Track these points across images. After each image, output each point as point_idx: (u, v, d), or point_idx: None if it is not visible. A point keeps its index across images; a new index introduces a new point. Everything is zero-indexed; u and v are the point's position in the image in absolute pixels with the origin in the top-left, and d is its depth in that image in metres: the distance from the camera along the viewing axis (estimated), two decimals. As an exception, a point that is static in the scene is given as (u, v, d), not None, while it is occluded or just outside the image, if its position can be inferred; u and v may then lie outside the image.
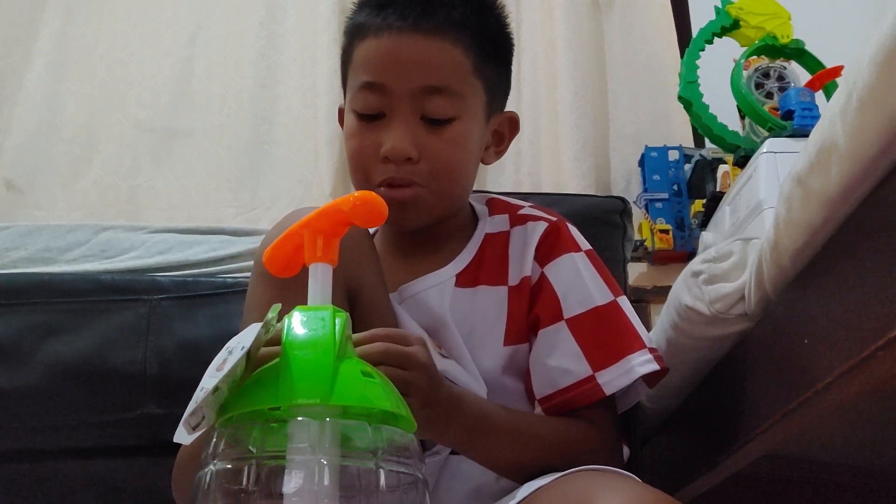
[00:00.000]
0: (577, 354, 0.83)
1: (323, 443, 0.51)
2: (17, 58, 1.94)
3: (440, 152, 0.85)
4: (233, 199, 1.86)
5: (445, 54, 0.85)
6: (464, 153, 0.88)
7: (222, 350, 0.59)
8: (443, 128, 0.85)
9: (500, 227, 0.93)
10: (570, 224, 0.93)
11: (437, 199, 0.87)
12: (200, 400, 0.53)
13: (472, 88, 0.87)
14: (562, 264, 0.88)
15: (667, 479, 1.00)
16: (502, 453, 0.77)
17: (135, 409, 1.16)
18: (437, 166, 0.85)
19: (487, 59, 0.88)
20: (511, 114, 0.96)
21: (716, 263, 0.81)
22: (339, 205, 0.59)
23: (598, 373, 0.82)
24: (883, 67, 0.49)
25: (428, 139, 0.85)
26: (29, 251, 1.47)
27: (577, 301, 0.86)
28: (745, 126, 1.49)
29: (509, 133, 0.96)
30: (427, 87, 0.84)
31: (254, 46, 1.97)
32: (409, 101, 0.84)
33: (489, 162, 0.95)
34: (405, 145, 0.83)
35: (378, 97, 0.85)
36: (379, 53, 0.85)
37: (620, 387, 0.82)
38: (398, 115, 0.84)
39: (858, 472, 0.88)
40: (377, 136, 0.85)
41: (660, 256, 1.74)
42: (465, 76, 0.86)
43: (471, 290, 0.88)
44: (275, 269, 0.62)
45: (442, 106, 0.85)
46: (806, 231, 0.62)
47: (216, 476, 0.53)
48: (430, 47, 0.85)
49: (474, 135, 0.89)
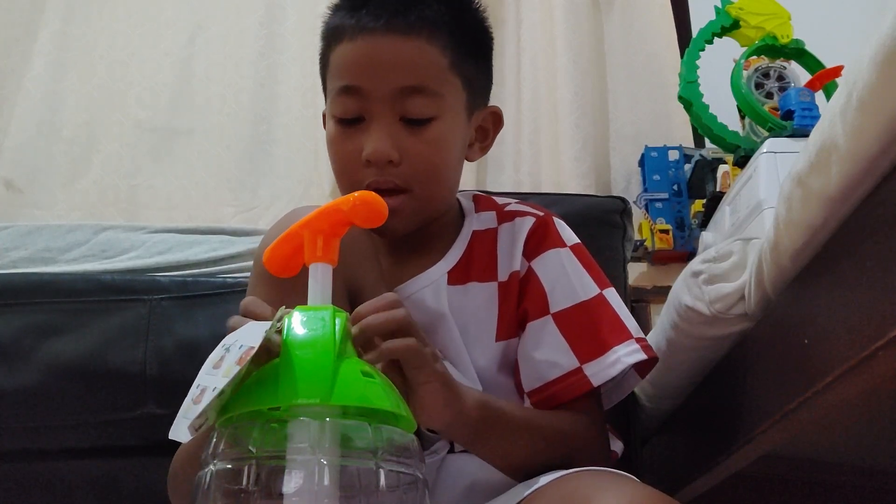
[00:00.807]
0: (564, 347, 0.83)
1: (323, 443, 0.51)
2: (16, 57, 1.94)
3: (421, 153, 0.84)
4: (232, 198, 1.86)
5: (421, 53, 0.84)
6: (446, 153, 0.87)
7: (218, 347, 0.59)
8: (423, 128, 0.84)
9: (487, 224, 0.93)
10: (557, 218, 0.93)
11: (422, 204, 0.86)
12: (209, 400, 0.53)
13: (451, 86, 0.86)
14: (548, 259, 0.89)
15: (667, 479, 1.00)
16: (509, 444, 0.76)
17: (135, 409, 1.16)
18: (419, 168, 0.84)
19: (465, 56, 0.88)
20: (494, 108, 0.95)
21: (716, 263, 0.81)
22: (339, 205, 0.59)
23: (584, 365, 0.82)
24: (883, 67, 0.49)
25: (408, 140, 0.84)
26: (29, 251, 1.47)
27: (562, 296, 0.86)
28: (745, 126, 1.49)
29: (493, 128, 0.95)
30: (404, 88, 0.83)
31: (253, 46, 1.97)
32: (388, 103, 0.83)
33: (473, 159, 0.94)
34: (385, 148, 0.82)
35: (356, 101, 0.84)
36: (354, 57, 0.84)
37: (607, 378, 0.82)
38: (377, 117, 0.84)
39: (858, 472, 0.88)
40: (358, 141, 0.84)
41: (660, 256, 1.74)
42: (442, 74, 0.85)
43: (462, 287, 0.88)
44: (275, 269, 0.62)
45: (420, 106, 0.84)
46: (806, 231, 0.62)
47: (216, 476, 0.53)
48: (405, 47, 0.84)
49: (455, 133, 0.88)
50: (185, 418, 0.55)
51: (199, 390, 0.55)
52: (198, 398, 0.55)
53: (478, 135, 0.93)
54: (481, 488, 0.81)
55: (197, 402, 0.55)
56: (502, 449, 0.77)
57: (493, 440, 0.75)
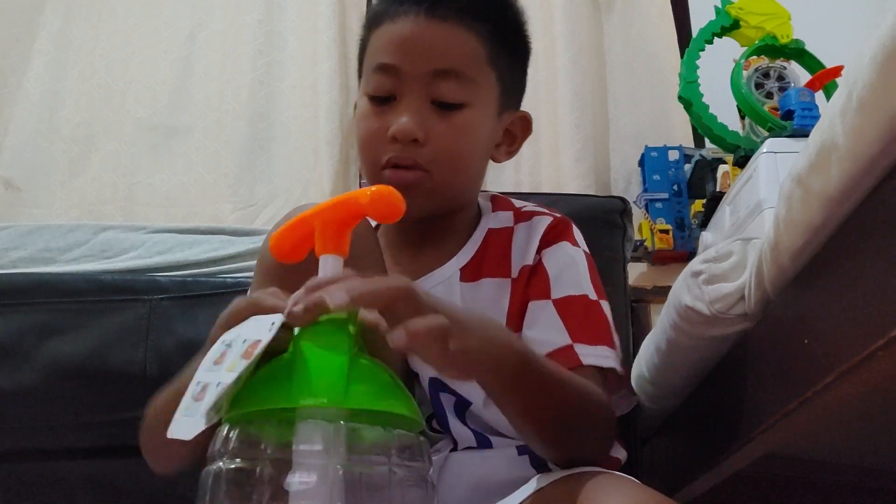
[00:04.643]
0: (559, 327, 0.83)
1: (334, 444, 0.50)
2: (16, 57, 1.94)
3: (447, 137, 0.84)
4: (230, 194, 1.86)
5: (460, 39, 0.85)
6: (471, 141, 0.87)
7: (217, 344, 0.57)
8: (452, 113, 0.85)
9: (503, 223, 0.93)
10: (575, 227, 0.93)
11: (439, 188, 0.86)
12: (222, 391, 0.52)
13: (485, 77, 0.87)
14: (559, 250, 0.89)
15: (667, 479, 1.00)
16: (542, 394, 0.71)
17: (135, 409, 1.15)
18: (442, 151, 0.85)
19: (503, 52, 0.88)
20: (524, 114, 0.95)
21: (716, 263, 0.81)
22: (357, 197, 0.57)
23: (576, 344, 0.82)
24: (883, 67, 0.49)
25: (436, 123, 0.84)
26: (29, 251, 1.47)
27: (567, 284, 0.86)
28: (745, 126, 1.49)
29: (521, 133, 0.95)
30: (439, 71, 0.84)
31: (252, 44, 1.97)
32: (421, 83, 0.84)
33: (499, 160, 0.94)
34: (412, 126, 0.83)
35: (390, 79, 0.85)
36: (393, 37, 0.85)
37: (597, 364, 0.82)
38: (408, 97, 0.84)
39: (858, 472, 0.88)
40: (387, 119, 0.85)
41: (660, 256, 1.74)
42: (478, 63, 0.86)
43: (474, 283, 0.88)
44: (280, 254, 0.61)
45: (453, 90, 0.84)
46: (806, 231, 0.62)
47: (225, 474, 0.52)
48: (445, 32, 0.85)
49: (483, 125, 0.88)
50: (186, 416, 0.54)
51: (200, 387, 0.55)
52: (199, 395, 0.54)
53: (505, 138, 0.94)
54: (484, 487, 0.81)
55: (198, 399, 0.54)
56: (534, 401, 0.71)
57: (528, 390, 0.70)
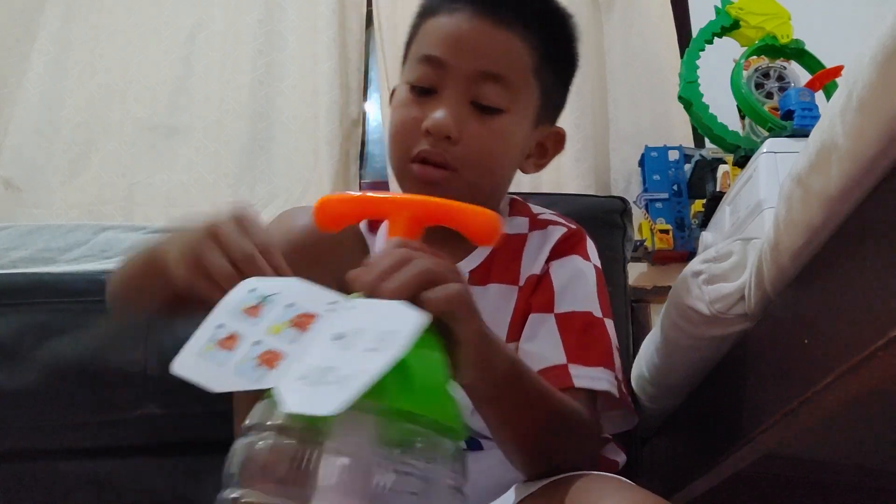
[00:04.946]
0: (557, 345, 0.82)
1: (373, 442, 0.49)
2: (16, 57, 1.94)
3: (480, 139, 0.83)
4: (230, 194, 1.86)
5: (509, 45, 0.84)
6: (503, 147, 0.86)
7: (244, 288, 0.56)
8: (490, 117, 0.84)
9: (517, 230, 0.93)
10: (590, 240, 0.93)
11: (465, 188, 0.83)
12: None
13: (528, 88, 0.86)
14: (567, 263, 0.88)
15: (667, 480, 1.00)
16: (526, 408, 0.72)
17: (135, 409, 1.16)
18: (473, 152, 0.83)
19: (550, 66, 0.88)
20: (559, 129, 0.94)
21: (716, 263, 0.81)
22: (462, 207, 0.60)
23: (571, 364, 0.81)
24: (883, 67, 0.49)
25: (472, 124, 0.83)
26: (29, 251, 1.47)
27: (572, 299, 0.86)
28: (745, 126, 1.49)
29: (553, 148, 0.94)
30: (484, 73, 0.83)
31: (252, 44, 1.97)
32: (464, 82, 0.83)
33: (527, 171, 0.93)
34: (448, 122, 0.82)
35: (435, 72, 0.84)
36: (444, 30, 0.85)
37: (588, 387, 0.81)
38: (449, 93, 0.83)
39: (858, 472, 0.88)
40: (424, 111, 0.84)
41: (660, 256, 1.74)
42: (523, 73, 0.86)
43: (482, 287, 0.88)
44: (325, 220, 0.63)
45: (494, 94, 0.84)
46: (806, 231, 0.62)
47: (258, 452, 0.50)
48: (498, 35, 0.84)
49: (518, 134, 0.87)
50: (205, 360, 0.52)
51: (225, 333, 0.52)
52: (225, 342, 0.52)
53: (537, 150, 0.93)
54: (475, 489, 0.81)
55: (225, 347, 0.51)
56: (517, 414, 0.72)
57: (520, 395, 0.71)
